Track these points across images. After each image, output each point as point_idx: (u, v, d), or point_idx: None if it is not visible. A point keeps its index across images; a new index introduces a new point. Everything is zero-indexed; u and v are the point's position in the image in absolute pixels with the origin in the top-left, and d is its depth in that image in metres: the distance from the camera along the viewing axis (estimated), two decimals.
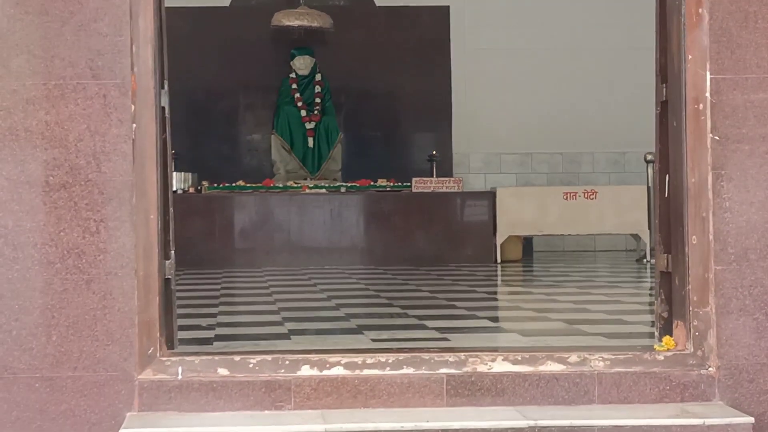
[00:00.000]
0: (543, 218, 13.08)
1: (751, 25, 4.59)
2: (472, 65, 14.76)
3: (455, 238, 12.98)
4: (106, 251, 4.47)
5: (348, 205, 13.16)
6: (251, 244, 12.88)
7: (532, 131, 14.88)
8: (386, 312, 7.72)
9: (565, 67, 14.75)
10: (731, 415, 4.37)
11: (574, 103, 14.70)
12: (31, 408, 4.42)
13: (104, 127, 4.48)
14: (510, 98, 14.77)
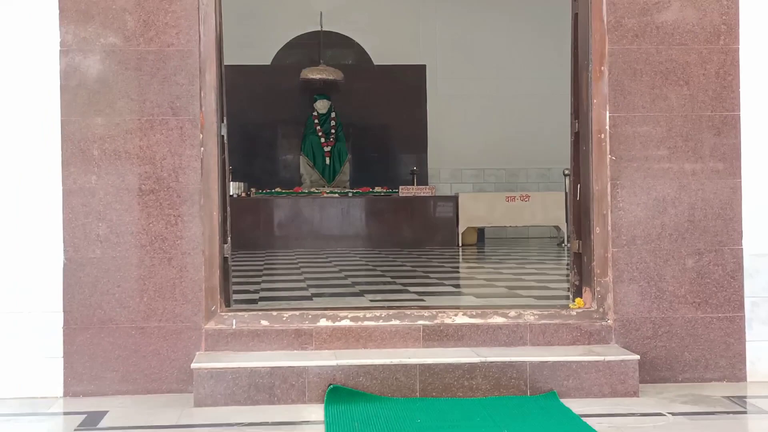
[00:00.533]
0: (491, 214, 13.08)
1: (638, 78, 4.59)
2: (441, 105, 14.75)
3: (429, 228, 12.98)
4: (182, 237, 4.46)
5: (354, 205, 13.16)
6: (285, 233, 12.88)
7: (484, 153, 14.89)
8: (380, 280, 7.73)
9: (508, 107, 14.75)
10: (623, 354, 4.38)
11: (514, 133, 14.70)
12: (129, 349, 4.42)
13: (181, 149, 4.47)
14: (469, 129, 14.77)
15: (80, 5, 4.43)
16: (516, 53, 14.63)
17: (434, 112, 14.78)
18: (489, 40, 14.71)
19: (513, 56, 14.63)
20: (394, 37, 14.67)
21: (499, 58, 14.66)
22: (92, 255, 4.42)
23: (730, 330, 4.57)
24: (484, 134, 14.76)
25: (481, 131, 14.76)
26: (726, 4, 4.59)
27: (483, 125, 14.75)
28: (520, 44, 14.62)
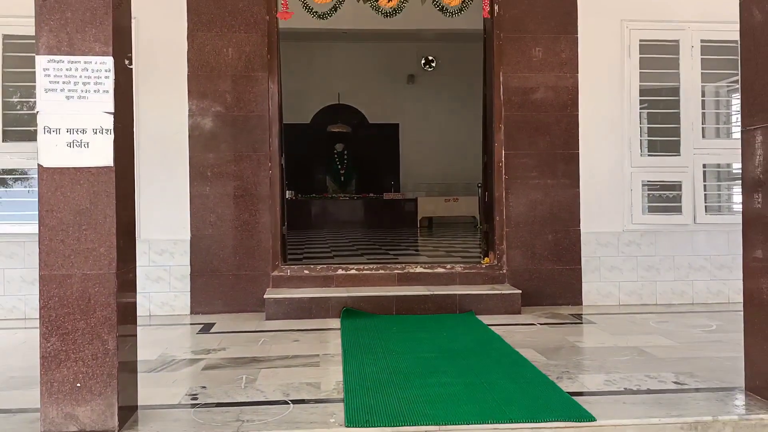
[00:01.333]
0: (437, 209, 13.05)
1: (521, 130, 4.60)
2: (409, 146, 14.71)
3: (401, 217, 12.91)
4: (259, 223, 4.46)
5: (358, 204, 13.06)
6: (318, 221, 12.77)
7: (433, 174, 14.82)
8: (373, 247, 7.71)
9: (448, 146, 14.68)
10: (512, 289, 4.39)
11: (451, 162, 14.64)
12: (228, 286, 4.41)
13: (257, 171, 4.47)
14: (424, 161, 14.69)
15: (200, 89, 4.42)
16: (452, 116, 14.61)
17: (404, 150, 14.73)
18: (437, 108, 14.67)
19: (451, 118, 14.60)
20: (381, 106, 14.60)
21: (443, 119, 14.63)
22: (206, 233, 4.42)
23: (573, 276, 4.60)
24: (433, 162, 14.74)
25: (432, 161, 14.72)
26: (570, 89, 4.62)
27: (433, 158, 14.73)
28: (455, 111, 14.58)
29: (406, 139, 14.83)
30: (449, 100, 14.66)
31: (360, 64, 14.53)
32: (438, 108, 14.68)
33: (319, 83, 14.41)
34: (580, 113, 4.63)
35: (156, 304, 4.39)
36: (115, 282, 2.26)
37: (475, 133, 10.93)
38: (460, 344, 3.40)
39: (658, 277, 4.65)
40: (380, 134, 14.90)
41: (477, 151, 6.71)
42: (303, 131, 14.55)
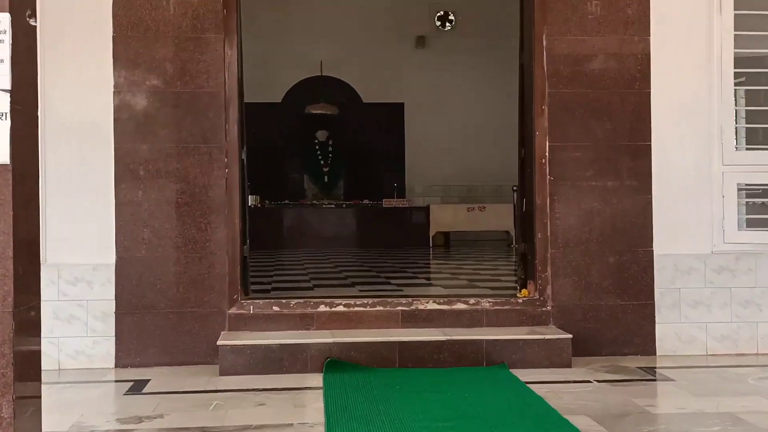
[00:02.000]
0: (456, 221, 13.10)
1: (570, 114, 4.62)
2: (416, 135, 14.75)
3: (407, 233, 12.97)
4: (210, 240, 4.46)
5: (347, 214, 13.14)
6: (292, 236, 12.83)
7: (450, 172, 14.88)
8: (368, 274, 7.72)
9: (469, 135, 14.74)
10: (559, 333, 4.40)
11: (473, 157, 14.71)
12: (167, 329, 4.41)
13: (209, 170, 4.47)
14: (438, 153, 14.75)
15: (129, 55, 4.43)
16: (476, 93, 14.67)
17: (410, 140, 14.78)
18: (455, 82, 14.74)
19: (473, 95, 14.66)
20: (379, 80, 14.67)
21: (462, 96, 14.69)
22: (138, 255, 4.41)
23: (643, 314, 4.60)
24: (450, 157, 14.78)
25: (448, 155, 14.77)
26: (640, 58, 4.64)
27: (449, 150, 14.78)
28: (479, 85, 14.65)
29: (413, 125, 14.92)
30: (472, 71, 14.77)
31: (350, 23, 14.63)
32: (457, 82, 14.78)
33: (295, 49, 14.50)
34: (652, 91, 4.65)
35: (68, 354, 4.38)
36: (11, 323, 2.24)
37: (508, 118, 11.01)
38: (487, 410, 3.37)
39: (760, 316, 4.64)
40: (378, 118, 14.99)
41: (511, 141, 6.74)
42: (272, 114, 14.65)
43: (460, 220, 13.09)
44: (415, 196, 14.81)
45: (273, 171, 14.63)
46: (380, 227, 12.98)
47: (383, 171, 14.93)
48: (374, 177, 14.87)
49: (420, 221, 13.09)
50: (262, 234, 12.28)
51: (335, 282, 6.89)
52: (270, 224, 12.84)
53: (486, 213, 13.09)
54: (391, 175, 14.84)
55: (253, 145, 10.86)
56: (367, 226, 13.02)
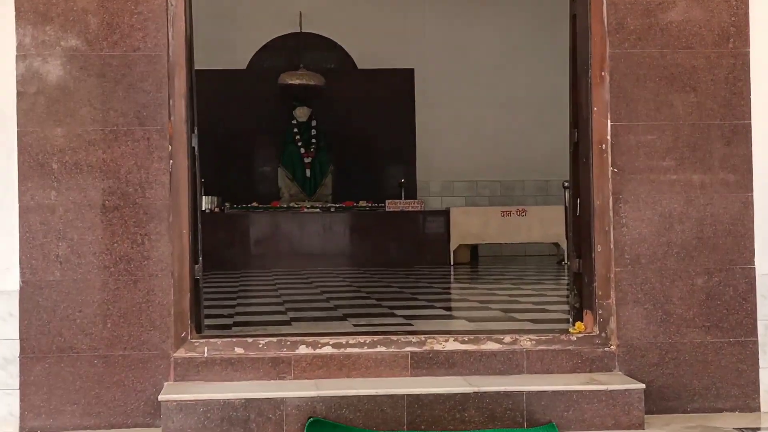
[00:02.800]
0: (485, 230, 13.09)
1: (641, 84, 4.61)
2: (431, 113, 14.76)
3: (418, 246, 12.98)
4: (149, 258, 4.45)
5: (336, 221, 13.15)
6: (262, 251, 12.84)
7: (477, 164, 14.88)
8: (365, 303, 7.71)
9: (503, 113, 14.75)
10: (628, 382, 4.38)
11: (510, 142, 14.71)
12: (91, 379, 4.40)
13: (148, 162, 4.47)
14: (461, 137, 14.77)
15: (38, 6, 4.42)
16: (512, 56, 14.67)
17: (423, 119, 14.79)
18: (483, 41, 14.74)
19: (509, 59, 14.67)
20: (379, 39, 14.68)
21: (494, 61, 14.69)
22: (51, 277, 4.40)
23: (742, 356, 4.57)
24: (478, 143, 14.77)
25: (474, 140, 14.77)
26: (735, 4, 4.62)
27: (476, 134, 14.77)
28: (517, 46, 14.65)
29: (426, 100, 14.93)
30: (506, 26, 14.79)
31: None
32: (486, 41, 14.79)
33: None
34: (752, 51, 4.63)
35: None
36: None
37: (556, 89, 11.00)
38: None
39: None
40: (379, 91, 15.00)
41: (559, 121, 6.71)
42: (235, 85, 14.68)
43: (492, 229, 13.10)
44: (429, 196, 14.82)
45: (236, 163, 14.64)
46: (382, 239, 12.99)
47: (386, 163, 14.95)
48: (374, 171, 14.88)
49: (437, 230, 13.10)
50: (221, 249, 12.28)
51: (321, 314, 6.88)
52: (232, 235, 12.84)
53: (527, 219, 13.09)
54: (397, 168, 14.85)
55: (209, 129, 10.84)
56: (364, 238, 13.02)
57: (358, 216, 13.29)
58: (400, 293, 8.66)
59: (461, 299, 8.50)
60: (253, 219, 13.12)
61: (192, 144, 4.62)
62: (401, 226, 13.14)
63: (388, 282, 9.99)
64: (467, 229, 13.03)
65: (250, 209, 13.40)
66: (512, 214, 13.09)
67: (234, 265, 12.26)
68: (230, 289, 9.23)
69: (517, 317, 6.40)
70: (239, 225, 13.03)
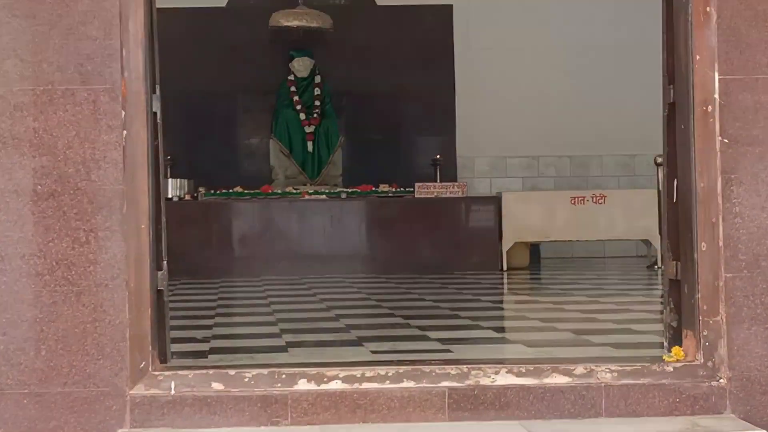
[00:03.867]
0: (550, 224, 13.08)
1: (761, 23, 4.58)
2: (476, 65, 14.74)
3: (460, 245, 12.97)
4: (96, 262, 4.46)
5: (349, 212, 13.16)
6: (249, 253, 12.87)
7: (539, 133, 14.87)
8: (387, 322, 7.72)
9: (572, 65, 14.73)
10: (743, 428, 4.37)
11: (582, 104, 14.68)
12: (20, 425, 4.41)
13: (94, 134, 4.48)
14: (516, 99, 14.75)
15: None
16: None
17: (465, 74, 14.78)
18: None
19: None
20: None
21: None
22: None
23: None
24: (540, 106, 14.76)
25: (535, 101, 14.75)
26: None
27: (537, 92, 14.75)
28: None
29: (470, 45, 14.89)
30: None
31: None
32: None
33: None
34: None
35: None
36: None
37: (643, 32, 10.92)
38: None
39: None
40: (405, 35, 14.95)
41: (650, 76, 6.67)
42: (211, 29, 14.67)
43: (560, 222, 13.09)
44: (474, 177, 14.83)
45: (213, 134, 14.67)
46: (410, 236, 12.99)
47: (415, 132, 14.95)
48: (399, 143, 14.88)
49: (484, 224, 13.10)
50: (194, 249, 12.31)
51: (327, 337, 6.90)
52: (208, 232, 12.88)
53: (607, 208, 13.08)
54: (430, 139, 14.85)
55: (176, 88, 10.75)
56: (386, 234, 13.04)
57: (378, 205, 13.29)
58: (434, 309, 8.66)
59: (517, 316, 8.49)
60: (237, 209, 13.15)
61: (153, 109, 4.63)
62: (436, 218, 13.14)
63: (418, 293, 9.99)
64: (525, 222, 13.02)
65: (233, 196, 13.43)
66: (586, 202, 13.07)
67: (211, 271, 12.29)
68: (206, 303, 9.26)
69: (592, 340, 6.39)
70: (218, 217, 13.07)
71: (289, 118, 14.59)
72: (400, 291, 10.37)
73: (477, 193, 14.20)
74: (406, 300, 9.45)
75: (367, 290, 10.51)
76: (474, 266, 12.68)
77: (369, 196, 13.49)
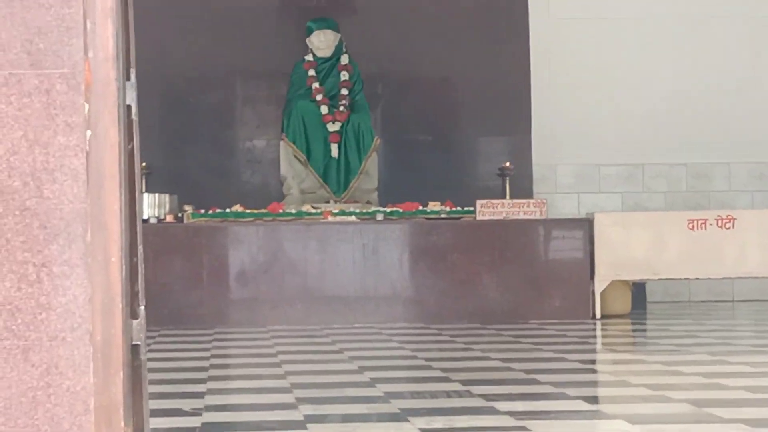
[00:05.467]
0: (660, 256, 13.04)
1: None
2: (558, 42, 14.77)
3: (537, 285, 12.94)
4: (50, 307, 4.48)
5: (387, 239, 13.15)
6: (252, 294, 12.88)
7: (643, 134, 14.86)
8: (440, 389, 7.71)
9: (688, 43, 14.73)
10: None
11: (701, 95, 14.67)
12: None
13: (47, 134, 4.50)
14: (611, 87, 14.76)
15: None
16: None
17: (543, 53, 14.80)
18: None
19: None
20: None
21: None
22: None
23: None
24: (644, 98, 14.75)
25: (638, 92, 14.75)
26: None
27: (641, 80, 14.74)
28: None
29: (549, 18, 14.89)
30: None
31: None
32: None
33: None
34: None
35: None
36: None
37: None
38: None
39: None
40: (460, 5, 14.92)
41: None
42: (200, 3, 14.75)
43: (672, 253, 13.06)
44: (556, 192, 14.84)
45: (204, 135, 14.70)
46: (470, 271, 12.98)
47: (476, 131, 14.95)
48: (454, 147, 14.87)
49: (570, 255, 13.08)
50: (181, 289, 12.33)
51: (360, 409, 6.89)
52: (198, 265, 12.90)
53: (736, 233, 13.04)
54: (497, 141, 14.86)
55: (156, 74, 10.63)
56: (436, 269, 13.03)
57: (427, 230, 13.28)
58: (503, 371, 8.65)
59: (616, 381, 8.47)
60: (236, 235, 13.17)
61: (127, 101, 4.65)
62: (505, 247, 13.12)
63: (481, 350, 9.99)
64: (626, 254, 12.99)
65: (230, 218, 13.44)
66: (708, 226, 13.03)
67: (202, 318, 12.32)
68: (196, 362, 9.28)
69: (720, 415, 6.36)
70: (210, 246, 13.08)
71: (306, 113, 14.58)
72: (457, 346, 10.37)
73: (560, 213, 14.19)
74: (464, 359, 9.44)
75: (411, 345, 10.52)
76: (557, 313, 12.66)
77: (414, 218, 13.48)
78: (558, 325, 12.06)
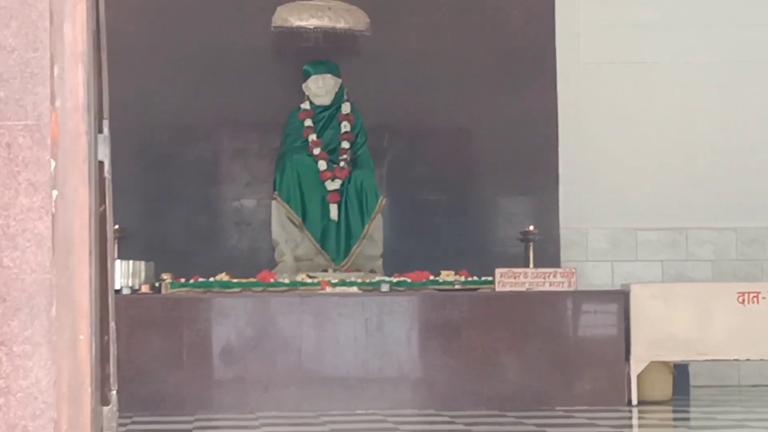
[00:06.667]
0: (706, 334, 13.01)
1: None
2: (589, 90, 14.80)
3: (565, 366, 12.93)
4: (10, 392, 4.47)
5: (394, 313, 13.14)
6: (240, 374, 12.87)
7: (686, 194, 14.88)
8: None
9: (737, 91, 14.76)
10: None
11: (752, 150, 14.71)
12: None
13: (8, 195, 4.50)
14: (649, 141, 14.79)
15: None
16: None
17: (573, 101, 14.83)
18: None
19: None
20: None
21: None
22: None
23: None
24: (686, 152, 14.78)
25: (680, 145, 14.77)
26: None
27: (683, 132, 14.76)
28: None
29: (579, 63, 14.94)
30: None
31: None
32: None
33: None
34: None
35: None
36: None
37: None
38: None
39: None
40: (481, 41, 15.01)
41: None
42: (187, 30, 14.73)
43: (720, 331, 13.04)
44: (587, 260, 14.85)
45: (187, 192, 14.71)
46: (488, 350, 12.97)
47: (495, 193, 14.95)
48: (470, 210, 14.87)
49: (602, 332, 13.09)
50: (158, 371, 12.32)
51: None
52: (177, 342, 12.89)
53: None
54: (519, 203, 14.87)
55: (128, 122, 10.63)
56: (450, 348, 13.02)
57: (439, 303, 13.28)
58: None
59: None
60: (220, 308, 13.16)
61: (99, 156, 4.65)
62: (528, 323, 13.12)
63: None
64: (667, 331, 12.97)
65: (214, 288, 13.44)
66: (762, 299, 13.01)
67: (182, 402, 12.32)
68: None
69: None
70: (192, 320, 13.07)
71: (301, 168, 14.59)
72: None
73: (591, 285, 14.19)
74: None
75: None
76: (587, 398, 12.65)
77: (424, 290, 13.49)
78: (589, 412, 12.06)
